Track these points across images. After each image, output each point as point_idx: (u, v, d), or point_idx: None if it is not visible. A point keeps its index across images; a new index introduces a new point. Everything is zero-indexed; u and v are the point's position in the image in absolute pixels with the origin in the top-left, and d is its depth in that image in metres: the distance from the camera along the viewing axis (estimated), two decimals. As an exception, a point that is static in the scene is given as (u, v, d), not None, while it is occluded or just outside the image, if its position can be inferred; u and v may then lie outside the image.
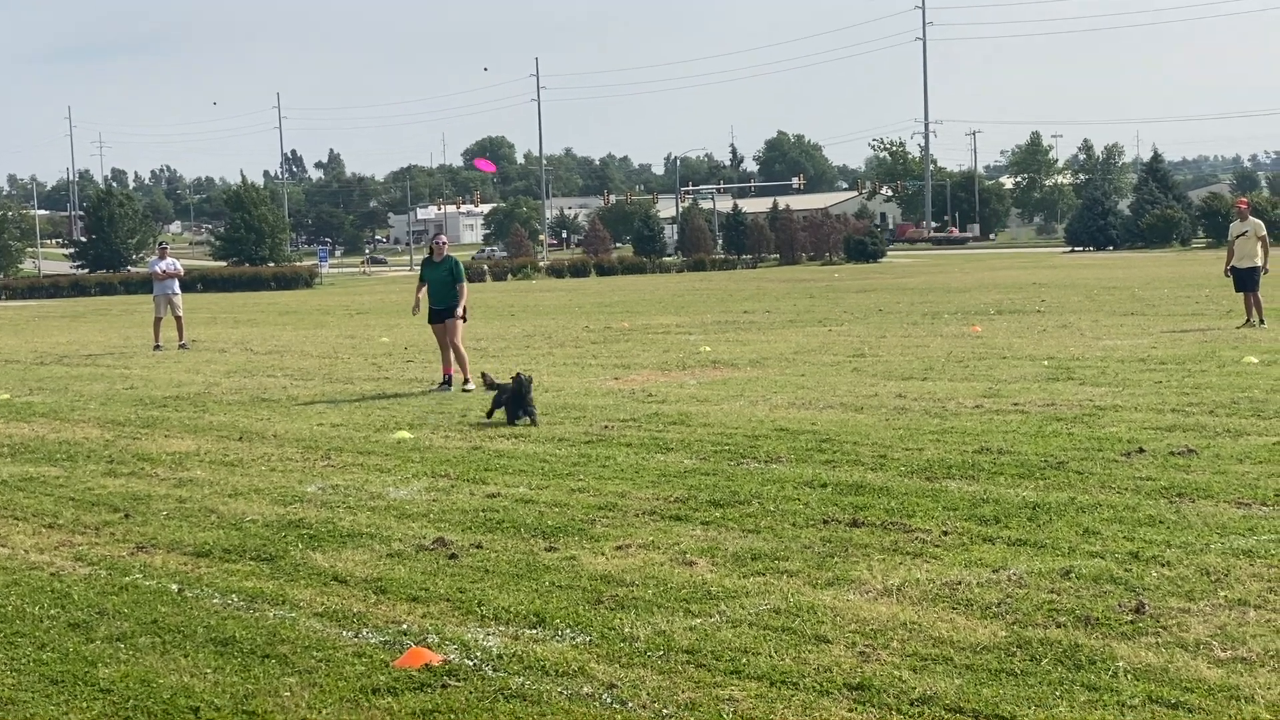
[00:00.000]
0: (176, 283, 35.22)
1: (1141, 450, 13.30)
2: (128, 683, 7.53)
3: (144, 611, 8.96)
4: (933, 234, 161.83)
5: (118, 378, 25.99)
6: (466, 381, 21.29)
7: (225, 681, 7.50)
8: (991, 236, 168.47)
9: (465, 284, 22.11)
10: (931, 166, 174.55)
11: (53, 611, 9.05)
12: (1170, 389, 18.01)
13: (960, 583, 8.83)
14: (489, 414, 17.64)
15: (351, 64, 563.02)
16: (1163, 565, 9.09)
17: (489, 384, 18.33)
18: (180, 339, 34.22)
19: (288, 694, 7.26)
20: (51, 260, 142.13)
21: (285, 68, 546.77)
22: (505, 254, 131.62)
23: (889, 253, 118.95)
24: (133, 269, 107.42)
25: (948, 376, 20.68)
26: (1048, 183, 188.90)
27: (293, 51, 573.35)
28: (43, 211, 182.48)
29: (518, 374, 17.48)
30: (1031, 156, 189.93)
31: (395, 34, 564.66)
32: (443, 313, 21.88)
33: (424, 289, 22.18)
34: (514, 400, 17.21)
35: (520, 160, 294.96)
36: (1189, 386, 18.20)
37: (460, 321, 21.78)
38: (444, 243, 22.62)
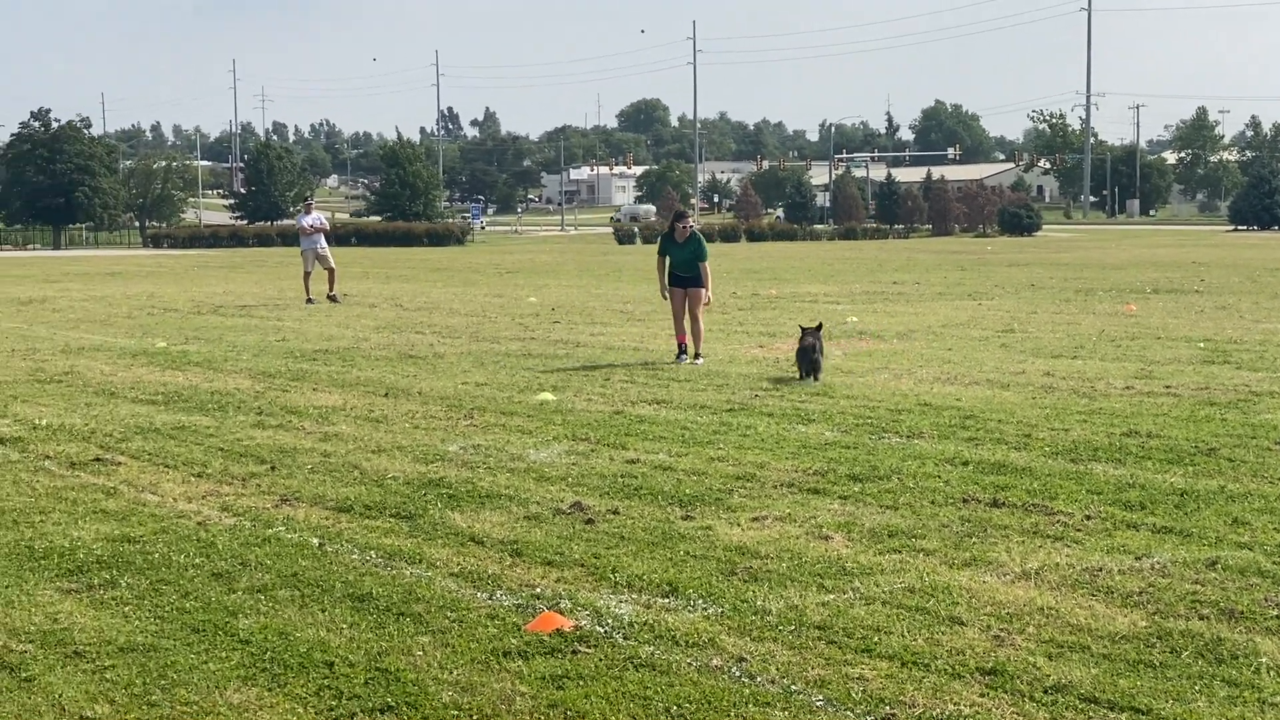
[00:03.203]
0: (323, 237, 35.60)
1: (1296, 439, 12.96)
2: (266, 634, 7.66)
3: (285, 564, 9.10)
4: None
5: (270, 329, 26.45)
6: (698, 356, 20.02)
7: (360, 638, 7.60)
8: (1151, 213, 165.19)
9: (708, 264, 20.36)
10: (1092, 140, 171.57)
11: (197, 560, 9.23)
12: (1329, 376, 17.54)
13: (1101, 569, 8.68)
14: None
15: (510, 23, 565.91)
16: (1313, 559, 8.86)
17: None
18: (330, 289, 34.61)
19: (420, 653, 7.34)
20: (212, 211, 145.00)
21: (444, 25, 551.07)
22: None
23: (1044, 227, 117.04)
24: (288, 221, 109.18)
25: (1099, 356, 20.33)
26: (1212, 159, 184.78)
27: (452, 9, 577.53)
28: (205, 163, 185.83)
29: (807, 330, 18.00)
30: (1197, 132, 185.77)
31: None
32: (687, 280, 20.27)
33: (665, 265, 20.49)
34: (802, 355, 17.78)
35: (674, 124, 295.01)
36: (1349, 374, 17.70)
37: (704, 291, 20.15)
38: (690, 225, 20.48)
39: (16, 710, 6.68)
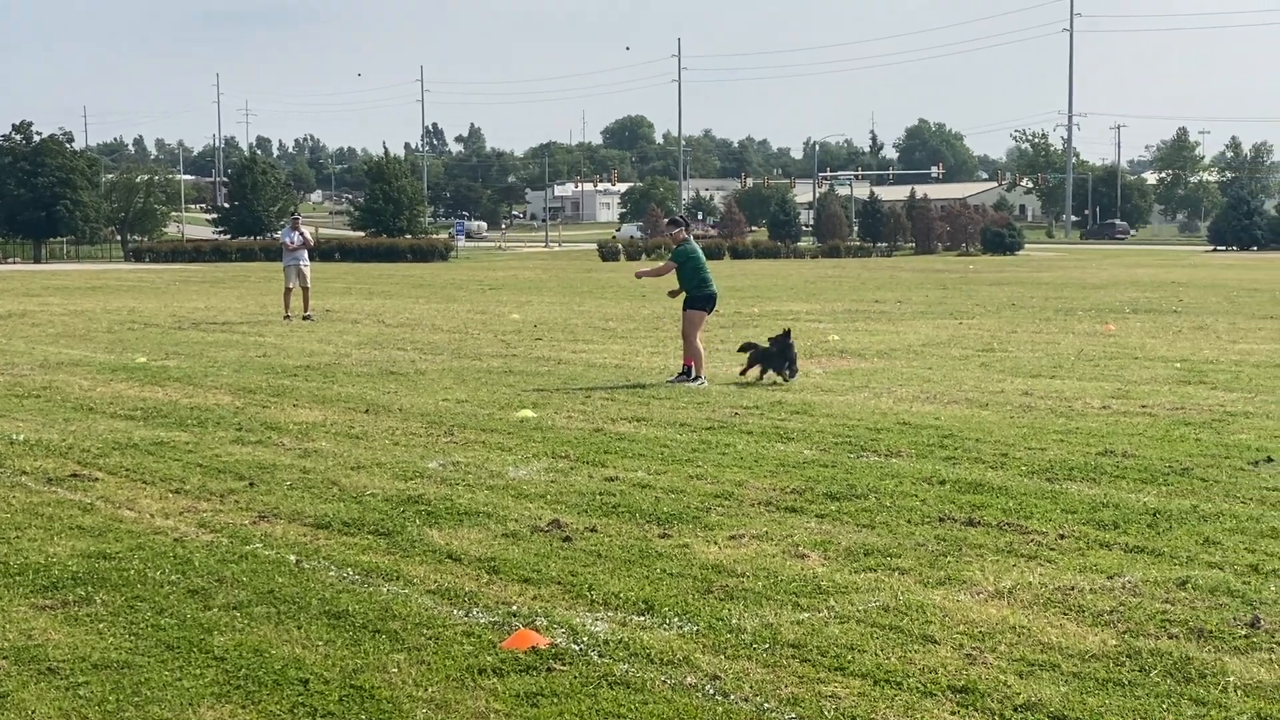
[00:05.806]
0: (306, 253, 35.18)
1: (1270, 459, 13.04)
2: (241, 651, 7.67)
3: (261, 581, 9.12)
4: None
5: (252, 345, 26.43)
6: (698, 377, 19.61)
7: (335, 655, 7.62)
8: (1132, 232, 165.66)
9: (663, 263, 21.12)
10: (1074, 159, 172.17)
11: (173, 577, 9.24)
12: (1306, 397, 17.62)
13: (1073, 588, 8.73)
14: (743, 372, 20.08)
15: (494, 39, 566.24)
16: (1283, 580, 8.92)
17: (744, 348, 20.40)
18: (305, 309, 34.42)
19: (395, 670, 7.36)
20: (195, 225, 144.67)
21: (429, 40, 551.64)
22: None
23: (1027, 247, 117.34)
24: (273, 235, 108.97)
25: (1077, 375, 20.42)
26: (1193, 180, 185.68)
27: (437, 25, 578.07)
28: (189, 177, 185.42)
29: (785, 331, 20.15)
30: (1177, 153, 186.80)
31: (539, 10, 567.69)
32: (688, 300, 20.24)
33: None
34: (779, 356, 19.74)
35: (659, 140, 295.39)
36: (1325, 395, 17.79)
37: (690, 313, 20.04)
38: (680, 234, 20.67)
39: (-10, 726, 6.69)
